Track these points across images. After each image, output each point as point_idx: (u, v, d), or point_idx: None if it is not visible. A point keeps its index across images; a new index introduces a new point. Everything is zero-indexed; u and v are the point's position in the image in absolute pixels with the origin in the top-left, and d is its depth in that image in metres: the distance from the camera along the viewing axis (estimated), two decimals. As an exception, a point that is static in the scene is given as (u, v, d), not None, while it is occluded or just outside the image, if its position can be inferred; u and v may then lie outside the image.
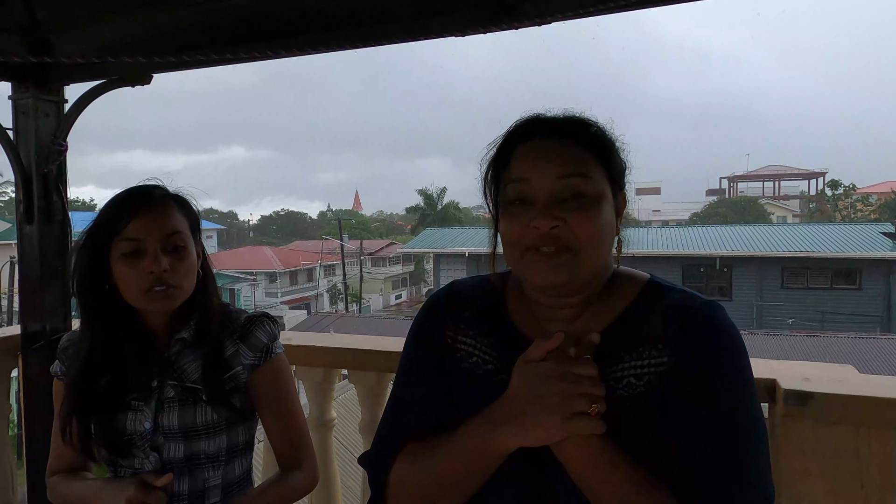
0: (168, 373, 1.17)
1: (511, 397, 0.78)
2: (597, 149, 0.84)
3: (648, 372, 0.79)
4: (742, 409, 0.77)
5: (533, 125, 0.86)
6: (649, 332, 0.81)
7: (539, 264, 0.80)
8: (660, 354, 0.79)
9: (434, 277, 26.11)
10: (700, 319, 0.80)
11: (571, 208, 0.79)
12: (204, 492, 1.18)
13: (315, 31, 1.67)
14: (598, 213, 0.80)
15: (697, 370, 0.77)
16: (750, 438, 0.76)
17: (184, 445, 1.15)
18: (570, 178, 0.80)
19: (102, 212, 1.16)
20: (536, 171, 0.81)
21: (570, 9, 1.40)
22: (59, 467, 1.26)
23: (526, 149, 0.84)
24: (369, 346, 1.84)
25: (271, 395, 1.23)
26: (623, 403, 0.79)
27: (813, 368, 1.45)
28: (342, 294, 33.20)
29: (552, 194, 0.80)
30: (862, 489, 1.27)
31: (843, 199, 40.84)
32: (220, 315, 1.22)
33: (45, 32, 1.91)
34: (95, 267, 1.14)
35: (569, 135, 0.84)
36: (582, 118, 0.87)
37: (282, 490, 1.21)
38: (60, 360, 1.25)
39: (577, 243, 0.79)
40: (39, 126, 2.03)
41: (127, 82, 1.96)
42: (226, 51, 1.76)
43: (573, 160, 0.81)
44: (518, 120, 0.88)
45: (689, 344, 0.78)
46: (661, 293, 0.86)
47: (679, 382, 0.77)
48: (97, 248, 1.14)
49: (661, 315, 0.82)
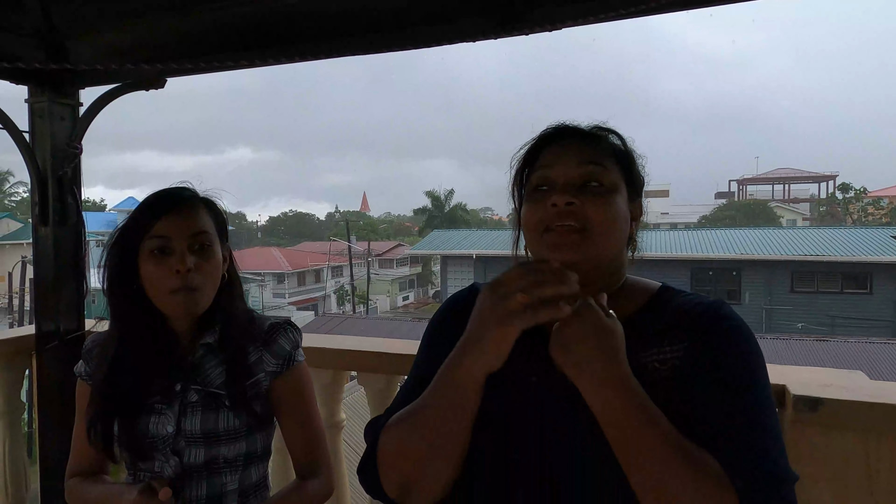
0: (192, 377, 1.18)
1: (471, 319, 0.81)
2: (618, 153, 0.93)
3: (671, 357, 0.84)
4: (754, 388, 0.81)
5: (561, 130, 0.95)
6: (666, 326, 0.87)
7: (556, 240, 0.86)
8: (679, 341, 0.85)
9: (441, 279, 26.12)
10: (712, 311, 0.86)
11: (587, 193, 0.87)
12: (222, 496, 1.18)
13: (326, 37, 1.69)
14: (612, 201, 0.88)
15: (712, 353, 0.82)
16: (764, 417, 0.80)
17: (204, 450, 1.16)
18: (588, 166, 0.88)
19: (134, 212, 1.18)
20: (559, 160, 0.90)
21: (579, 16, 1.41)
22: (78, 469, 1.27)
23: (553, 149, 0.93)
24: (379, 348, 1.85)
25: (292, 403, 1.24)
26: (649, 388, 0.79)
27: (823, 374, 1.45)
28: (349, 295, 33.29)
29: (571, 178, 0.88)
30: (871, 496, 1.26)
31: (854, 203, 40.56)
32: (244, 321, 1.23)
33: (62, 38, 1.94)
34: (125, 265, 1.16)
35: (593, 138, 0.93)
36: (608, 128, 0.95)
37: (299, 498, 1.21)
38: (85, 361, 1.26)
39: (590, 224, 0.85)
40: (55, 129, 2.06)
41: (141, 86, 1.99)
42: (238, 56, 1.79)
43: (593, 152, 0.90)
44: (547, 129, 0.96)
45: (703, 330, 0.84)
46: (673, 296, 0.92)
47: (697, 365, 0.82)
48: (127, 247, 1.16)
49: (675, 313, 0.88)
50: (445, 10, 1.58)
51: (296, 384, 1.25)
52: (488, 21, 1.50)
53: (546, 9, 1.46)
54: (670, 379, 0.83)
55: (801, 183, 56.85)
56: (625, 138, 0.96)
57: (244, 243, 55.75)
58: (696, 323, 0.85)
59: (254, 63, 1.72)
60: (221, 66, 1.78)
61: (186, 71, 1.85)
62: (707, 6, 1.43)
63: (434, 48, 1.59)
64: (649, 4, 1.34)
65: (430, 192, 45.10)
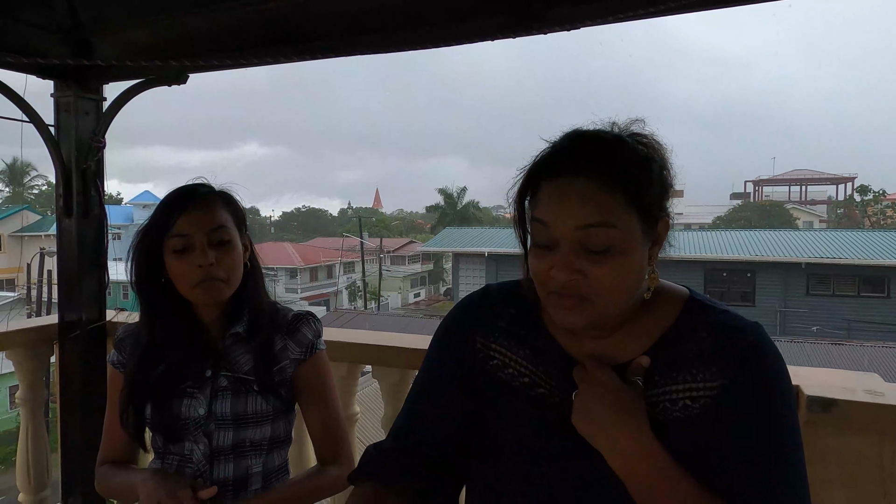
0: (221, 364, 1.24)
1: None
2: (630, 187, 0.77)
3: (703, 395, 0.80)
4: (784, 429, 0.79)
5: (559, 161, 0.80)
6: (699, 353, 0.81)
7: (559, 309, 0.80)
8: (713, 378, 0.79)
9: (453, 277, 26.12)
10: (750, 343, 0.80)
11: (592, 260, 0.77)
12: (247, 478, 1.24)
13: (346, 35, 1.72)
14: (621, 263, 0.77)
15: (749, 395, 0.78)
16: (792, 460, 0.78)
17: (233, 433, 1.22)
18: (592, 229, 0.76)
19: (156, 211, 1.24)
20: (557, 218, 0.78)
21: (597, 15, 1.42)
22: (109, 457, 1.32)
23: (550, 189, 0.79)
24: (393, 342, 1.88)
25: (314, 389, 1.30)
26: (680, 425, 0.80)
27: (837, 376, 1.45)
28: (361, 291, 33.40)
29: (573, 244, 0.77)
30: (885, 497, 1.26)
31: (873, 205, 39.90)
32: (270, 311, 1.29)
33: (87, 34, 1.98)
34: (151, 263, 1.22)
35: (594, 170, 0.77)
36: (617, 144, 0.80)
37: (319, 482, 1.27)
38: (118, 351, 1.31)
39: (594, 294, 0.78)
40: (79, 123, 2.10)
41: (164, 82, 2.02)
42: (259, 52, 1.82)
43: (597, 208, 0.76)
44: (547, 148, 0.83)
45: (741, 368, 0.79)
46: (703, 311, 0.85)
47: (731, 405, 0.78)
48: (152, 245, 1.22)
49: (708, 336, 0.82)
50: (463, 9, 1.59)
51: (318, 371, 1.30)
52: (506, 20, 1.51)
53: (563, 9, 1.46)
54: (700, 417, 0.79)
55: (818, 184, 56.07)
56: (641, 149, 0.81)
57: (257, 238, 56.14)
58: (735, 359, 0.79)
59: (276, 60, 1.75)
60: (243, 62, 1.81)
61: (209, 67, 1.89)
62: (724, 6, 1.43)
63: (446, 47, 1.60)
64: (668, 4, 1.34)
65: (442, 190, 45.07)
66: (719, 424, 0.78)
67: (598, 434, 0.78)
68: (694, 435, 0.79)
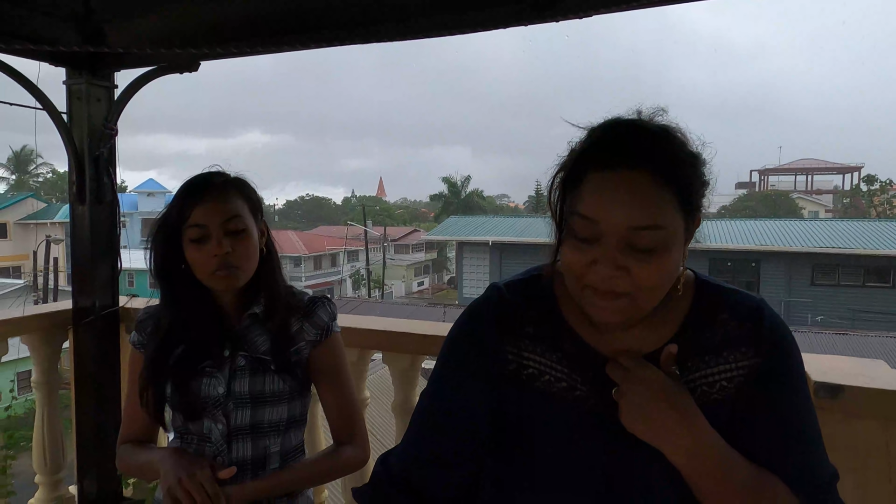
0: (239, 344, 1.27)
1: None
2: (678, 180, 0.76)
3: (737, 375, 0.82)
4: (806, 397, 0.84)
5: (610, 152, 0.76)
6: (726, 336, 0.83)
7: (597, 303, 0.77)
8: (744, 357, 0.83)
9: (457, 265, 26.15)
10: (769, 321, 0.83)
11: (637, 258, 0.74)
12: (265, 458, 1.27)
13: (357, 24, 1.71)
14: (665, 261, 0.75)
15: (778, 369, 0.82)
16: (815, 424, 0.84)
17: (251, 412, 1.25)
18: (641, 231, 0.73)
19: (173, 200, 1.27)
20: (607, 215, 0.74)
21: (610, 3, 1.42)
22: (130, 437, 1.35)
23: (599, 181, 0.75)
24: (403, 328, 1.90)
25: (329, 370, 1.33)
26: (716, 406, 0.82)
27: (844, 362, 1.46)
28: (365, 280, 33.47)
29: (619, 241, 0.74)
30: (890, 483, 1.28)
31: (879, 195, 39.64)
32: (286, 294, 1.32)
33: (99, 22, 1.99)
34: (170, 252, 1.25)
35: (647, 163, 0.74)
36: (664, 135, 0.77)
37: (334, 461, 1.30)
38: (139, 332, 1.34)
39: (635, 290, 0.76)
40: (92, 111, 2.12)
41: (175, 69, 2.03)
42: (270, 41, 1.82)
43: (649, 211, 0.73)
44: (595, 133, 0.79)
45: (766, 344, 0.83)
46: (716, 293, 0.86)
47: (764, 381, 0.82)
48: (170, 235, 1.25)
49: (731, 318, 0.84)
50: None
51: (333, 352, 1.33)
52: (520, 8, 1.51)
53: (576, -4, 1.46)
54: (735, 396, 0.82)
55: (824, 174, 55.66)
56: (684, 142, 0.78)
57: (262, 226, 55.98)
58: (762, 337, 0.82)
59: (289, 47, 1.75)
60: (254, 50, 1.82)
61: (221, 55, 1.89)
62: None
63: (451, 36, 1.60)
64: (681, -8, 1.34)
65: (446, 179, 44.98)
66: (756, 399, 0.82)
67: (659, 434, 0.78)
68: (729, 414, 0.82)
